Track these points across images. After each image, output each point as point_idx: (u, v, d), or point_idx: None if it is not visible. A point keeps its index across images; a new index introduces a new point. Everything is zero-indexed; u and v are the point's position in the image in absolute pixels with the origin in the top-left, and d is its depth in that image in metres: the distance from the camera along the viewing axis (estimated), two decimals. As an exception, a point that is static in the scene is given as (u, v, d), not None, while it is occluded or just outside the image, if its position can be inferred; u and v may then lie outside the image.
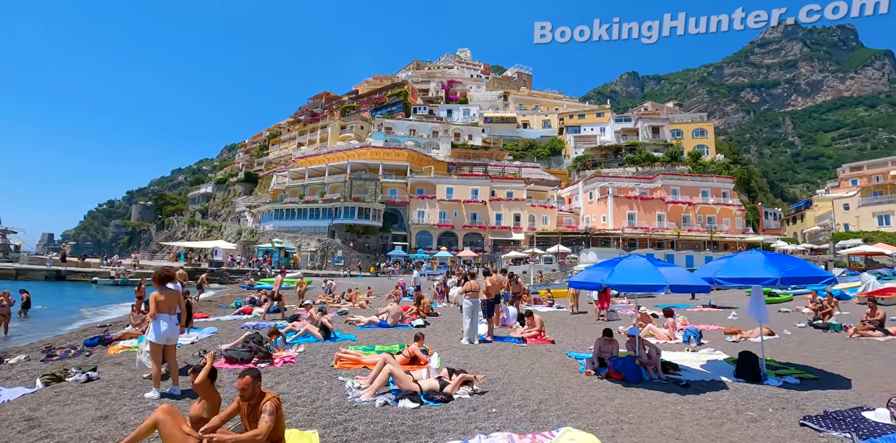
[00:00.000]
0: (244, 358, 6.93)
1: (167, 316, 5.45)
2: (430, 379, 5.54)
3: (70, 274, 35.08)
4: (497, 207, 54.38)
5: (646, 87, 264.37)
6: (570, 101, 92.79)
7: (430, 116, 77.91)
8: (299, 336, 9.28)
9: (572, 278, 7.02)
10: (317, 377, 6.19)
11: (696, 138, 69.98)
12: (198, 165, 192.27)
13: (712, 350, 8.94)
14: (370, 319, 11.60)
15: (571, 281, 6.90)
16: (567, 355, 8.15)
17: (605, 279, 6.06)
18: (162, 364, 5.47)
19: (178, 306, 5.69)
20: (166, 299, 5.48)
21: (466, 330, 9.05)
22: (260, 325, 11.55)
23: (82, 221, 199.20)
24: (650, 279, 5.92)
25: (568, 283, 7.28)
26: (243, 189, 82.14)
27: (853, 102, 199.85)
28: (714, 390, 6.21)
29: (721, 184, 55.99)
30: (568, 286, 15.32)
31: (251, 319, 13.24)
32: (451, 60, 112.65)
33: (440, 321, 12.83)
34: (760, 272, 6.14)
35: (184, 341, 8.87)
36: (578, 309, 15.97)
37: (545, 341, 9.54)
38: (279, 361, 7.16)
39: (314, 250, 48.77)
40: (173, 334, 5.51)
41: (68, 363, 7.05)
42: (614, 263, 6.46)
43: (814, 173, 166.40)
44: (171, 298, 5.54)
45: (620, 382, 6.34)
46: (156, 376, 5.34)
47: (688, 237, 51.14)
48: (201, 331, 10.41)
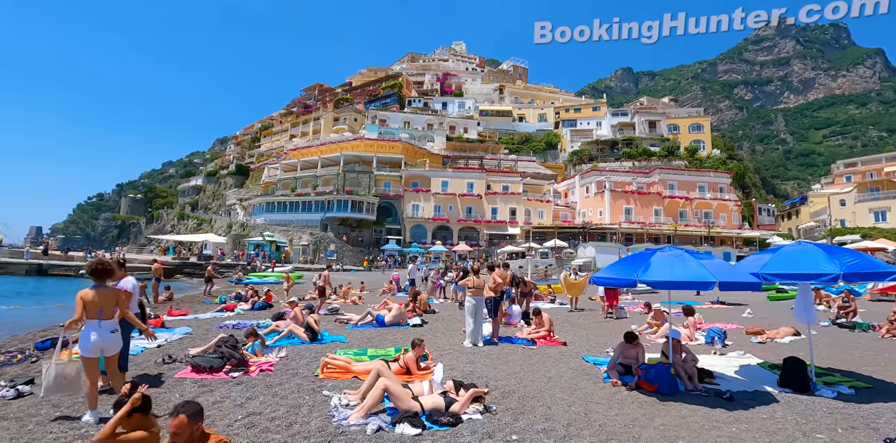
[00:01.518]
0: (214, 366, 5.93)
1: (99, 322, 4.42)
2: (434, 395, 4.59)
3: (52, 268, 33.72)
4: (493, 201, 53.46)
5: (640, 83, 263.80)
6: (565, 95, 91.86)
7: (425, 108, 76.72)
8: (283, 338, 8.30)
9: (597, 275, 6.08)
10: (297, 391, 5.21)
11: (692, 133, 69.37)
12: (189, 157, 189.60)
13: (741, 353, 8.07)
14: (363, 317, 10.58)
15: (597, 277, 5.97)
16: (584, 360, 7.23)
17: (640, 275, 5.14)
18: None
19: (125, 307, 4.67)
20: (97, 300, 4.40)
21: (470, 331, 8.10)
22: (241, 324, 10.54)
23: (71, 215, 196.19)
24: (695, 275, 5.00)
25: (591, 280, 6.22)
26: (234, 182, 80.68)
27: (844, 100, 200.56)
28: (762, 403, 5.33)
29: (718, 179, 55.42)
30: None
31: (233, 316, 12.23)
32: (447, 53, 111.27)
33: (438, 319, 11.85)
34: (819, 267, 5.24)
35: (149, 344, 7.85)
36: (577, 306, 15.10)
37: (556, 342, 8.62)
38: (255, 369, 6.16)
39: (306, 244, 47.71)
40: (108, 343, 4.46)
41: (6, 373, 6.02)
42: (647, 257, 5.54)
43: (805, 170, 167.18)
44: (105, 298, 4.45)
45: (654, 394, 5.44)
46: (92, 396, 4.32)
47: (685, 232, 50.58)
48: (173, 332, 9.33)
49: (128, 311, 4.81)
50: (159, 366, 6.34)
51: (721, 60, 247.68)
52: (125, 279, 5.21)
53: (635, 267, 5.38)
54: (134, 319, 4.92)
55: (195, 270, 39.22)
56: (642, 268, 5.23)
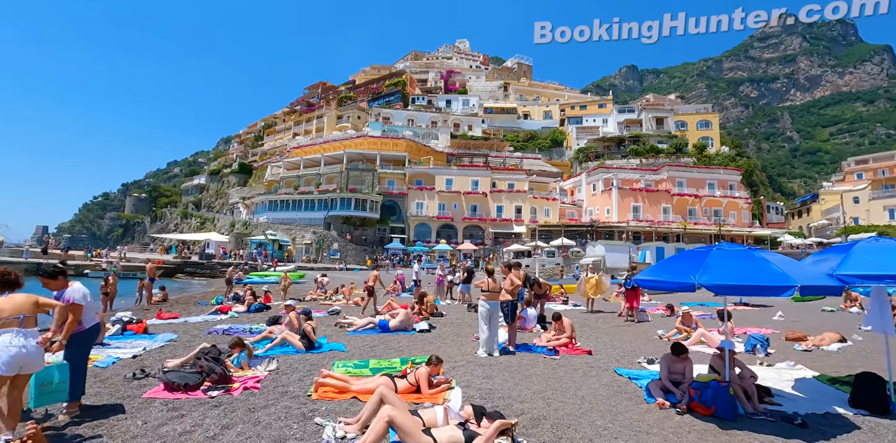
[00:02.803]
0: (190, 383, 5.07)
1: (13, 331, 3.58)
2: (450, 427, 3.71)
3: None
4: (498, 199, 52.53)
5: (645, 81, 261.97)
6: (571, 92, 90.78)
7: (429, 106, 75.83)
8: (275, 346, 7.44)
9: (641, 276, 5.17)
10: (285, 417, 4.32)
11: (700, 130, 68.23)
12: (194, 157, 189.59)
13: (791, 364, 7.16)
14: (365, 322, 9.69)
15: (642, 280, 5.08)
16: (616, 374, 6.35)
17: (698, 278, 4.24)
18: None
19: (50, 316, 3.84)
20: (8, 307, 3.63)
21: (484, 339, 7.18)
22: (232, 328, 9.69)
23: (77, 214, 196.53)
24: (768, 277, 4.10)
25: (634, 284, 5.18)
26: (237, 180, 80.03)
27: (852, 98, 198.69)
28: (841, 430, 4.44)
29: (728, 176, 54.28)
30: (623, 286, 12.83)
31: (225, 320, 11.38)
32: (450, 51, 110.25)
33: (447, 323, 10.94)
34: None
35: (124, 353, 6.99)
36: (593, 307, 14.23)
37: (579, 350, 7.72)
38: (239, 386, 5.29)
39: (309, 243, 46.97)
40: (29, 358, 3.62)
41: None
42: (702, 255, 4.63)
43: (811, 168, 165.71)
44: (15, 305, 3.69)
45: (711, 419, 4.54)
46: (6, 418, 3.53)
47: (694, 231, 49.55)
48: (154, 339, 8.39)
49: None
50: (129, 382, 5.47)
51: (726, 58, 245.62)
52: (72, 288, 4.29)
53: (690, 267, 4.47)
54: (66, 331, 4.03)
55: (196, 270, 38.57)
56: (700, 269, 4.33)
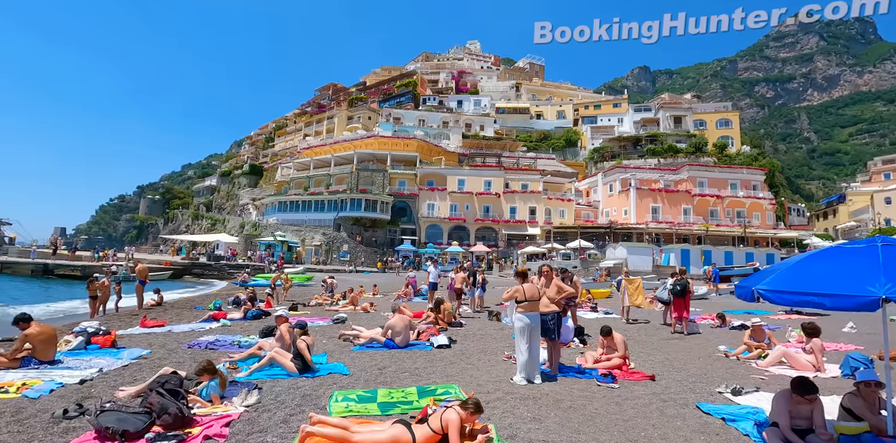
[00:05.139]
0: (129, 430, 3.68)
1: None
2: None
3: (58, 268, 32.34)
4: (511, 200, 51.01)
5: (657, 82, 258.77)
6: (584, 92, 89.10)
7: (440, 106, 74.72)
8: (262, 367, 6.03)
9: (765, 287, 3.58)
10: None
11: (720, 129, 66.16)
12: (207, 159, 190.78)
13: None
14: (372, 334, 8.24)
15: (773, 293, 3.49)
16: (701, 411, 4.83)
17: (887, 290, 2.75)
18: None
19: None
20: None
21: (522, 362, 5.64)
22: (219, 341, 8.29)
23: (94, 216, 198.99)
24: None
25: (760, 294, 3.49)
26: (248, 181, 79.85)
27: (871, 97, 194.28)
28: None
29: (751, 176, 52.18)
30: (670, 293, 11.00)
31: (215, 329, 10.00)
32: (461, 52, 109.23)
33: (468, 336, 9.40)
34: None
35: (72, 377, 5.51)
36: (630, 316, 12.70)
37: (639, 375, 6.20)
38: (200, 432, 3.84)
39: (319, 244, 45.97)
40: None
41: None
42: (870, 256, 3.13)
43: (830, 169, 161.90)
44: None
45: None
46: None
47: (716, 233, 47.63)
48: (118, 355, 6.81)
49: None
50: (55, 424, 4.07)
51: (741, 58, 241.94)
52: None
53: (859, 273, 2.98)
54: None
55: (204, 271, 37.66)
56: (881, 276, 2.85)
